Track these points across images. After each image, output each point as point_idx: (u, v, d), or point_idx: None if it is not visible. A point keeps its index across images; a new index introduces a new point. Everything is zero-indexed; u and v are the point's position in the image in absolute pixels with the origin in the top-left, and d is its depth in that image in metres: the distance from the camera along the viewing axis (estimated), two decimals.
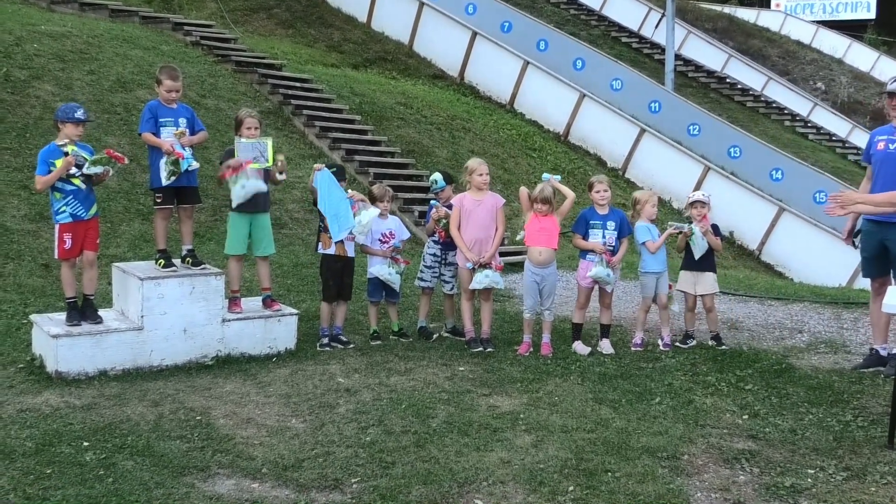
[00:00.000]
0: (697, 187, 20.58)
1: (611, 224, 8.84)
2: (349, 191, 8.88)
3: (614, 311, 9.39)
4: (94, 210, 8.06)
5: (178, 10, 22.17)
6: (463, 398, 7.33)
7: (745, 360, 8.60)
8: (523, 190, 9.02)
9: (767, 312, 11.09)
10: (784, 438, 6.60)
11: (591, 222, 8.85)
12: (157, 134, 8.26)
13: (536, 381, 7.86)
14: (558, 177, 9.02)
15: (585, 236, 8.86)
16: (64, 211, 7.88)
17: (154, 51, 17.05)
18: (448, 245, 9.29)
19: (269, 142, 8.67)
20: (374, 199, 9.30)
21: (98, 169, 7.87)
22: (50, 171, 7.74)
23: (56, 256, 8.06)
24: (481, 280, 8.77)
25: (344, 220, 8.72)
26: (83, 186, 7.89)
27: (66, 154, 7.77)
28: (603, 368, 8.26)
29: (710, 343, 9.11)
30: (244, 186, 8.37)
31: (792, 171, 22.88)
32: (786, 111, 32.37)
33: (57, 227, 7.94)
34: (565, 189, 8.92)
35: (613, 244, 8.82)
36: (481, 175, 8.98)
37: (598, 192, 8.91)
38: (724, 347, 9.01)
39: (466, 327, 9.06)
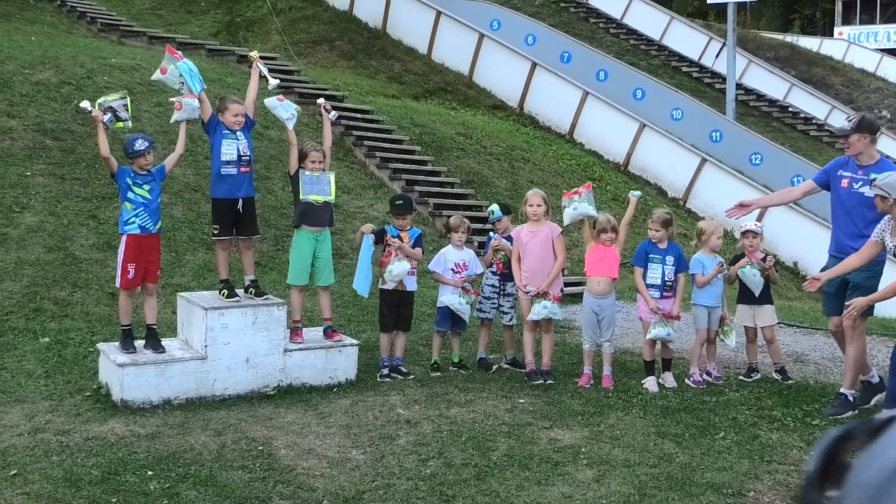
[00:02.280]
0: (759, 218, 20.31)
1: (669, 259, 8.75)
2: (391, 239, 8.89)
3: (677, 343, 9.29)
4: (159, 224, 8.25)
5: (242, 43, 22.55)
6: (523, 431, 7.29)
7: (812, 394, 8.44)
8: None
9: (834, 345, 10.84)
10: None
11: (650, 255, 8.78)
12: (218, 148, 8.42)
13: (598, 414, 7.79)
14: (639, 193, 8.99)
15: (645, 269, 8.80)
16: (133, 222, 8.01)
17: (219, 83, 17.33)
18: (506, 276, 9.29)
19: (332, 176, 8.80)
20: (449, 230, 9.42)
21: (116, 96, 8.39)
22: (126, 190, 8.00)
23: (118, 285, 8.19)
24: (539, 311, 8.74)
25: (362, 281, 8.93)
26: (150, 196, 8.07)
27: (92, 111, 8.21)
28: (665, 402, 8.16)
29: (775, 376, 8.97)
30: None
31: None
32: None
33: (124, 238, 8.04)
34: (631, 212, 8.86)
35: (672, 279, 8.75)
36: (531, 206, 8.97)
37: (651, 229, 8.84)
38: (789, 381, 8.85)
39: (527, 359, 9.02)
